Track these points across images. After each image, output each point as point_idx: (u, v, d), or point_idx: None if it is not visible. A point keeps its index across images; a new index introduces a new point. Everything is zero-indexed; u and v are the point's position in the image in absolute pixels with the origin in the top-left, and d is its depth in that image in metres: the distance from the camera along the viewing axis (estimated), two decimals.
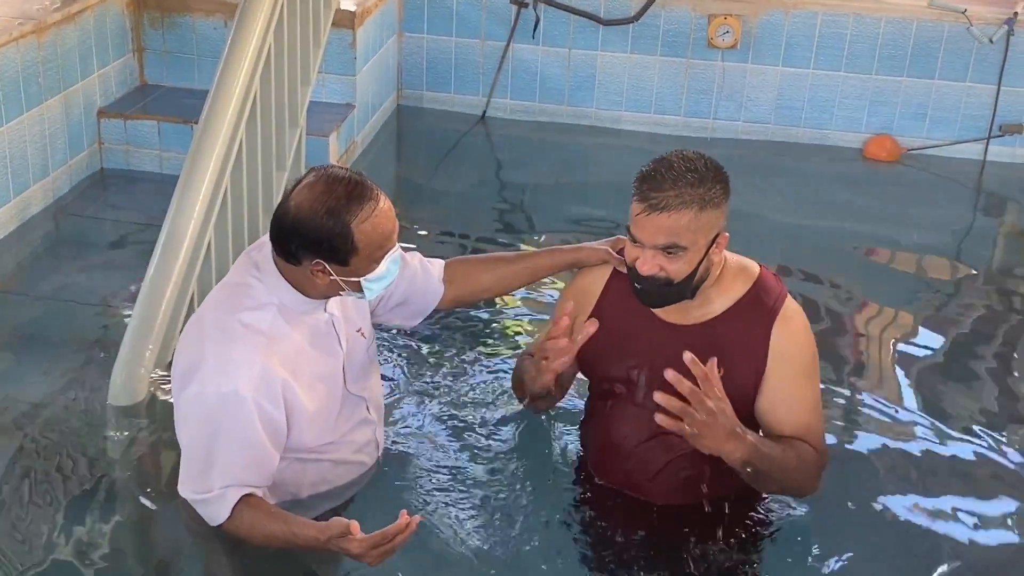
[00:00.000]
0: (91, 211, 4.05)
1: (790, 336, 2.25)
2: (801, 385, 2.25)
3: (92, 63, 4.20)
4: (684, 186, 2.10)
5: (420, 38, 5.20)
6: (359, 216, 2.03)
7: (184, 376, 2.10)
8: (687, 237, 2.11)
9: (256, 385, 2.05)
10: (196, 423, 2.09)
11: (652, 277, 2.16)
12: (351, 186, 2.05)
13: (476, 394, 2.93)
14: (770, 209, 4.45)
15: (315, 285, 2.12)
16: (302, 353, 2.15)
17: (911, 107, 5.03)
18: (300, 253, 2.07)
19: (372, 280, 2.12)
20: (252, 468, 2.11)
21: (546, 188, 4.73)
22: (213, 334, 2.10)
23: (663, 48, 5.08)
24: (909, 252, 4.28)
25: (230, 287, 2.20)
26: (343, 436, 2.29)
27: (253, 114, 3.23)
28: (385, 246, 2.10)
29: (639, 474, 2.35)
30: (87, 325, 3.31)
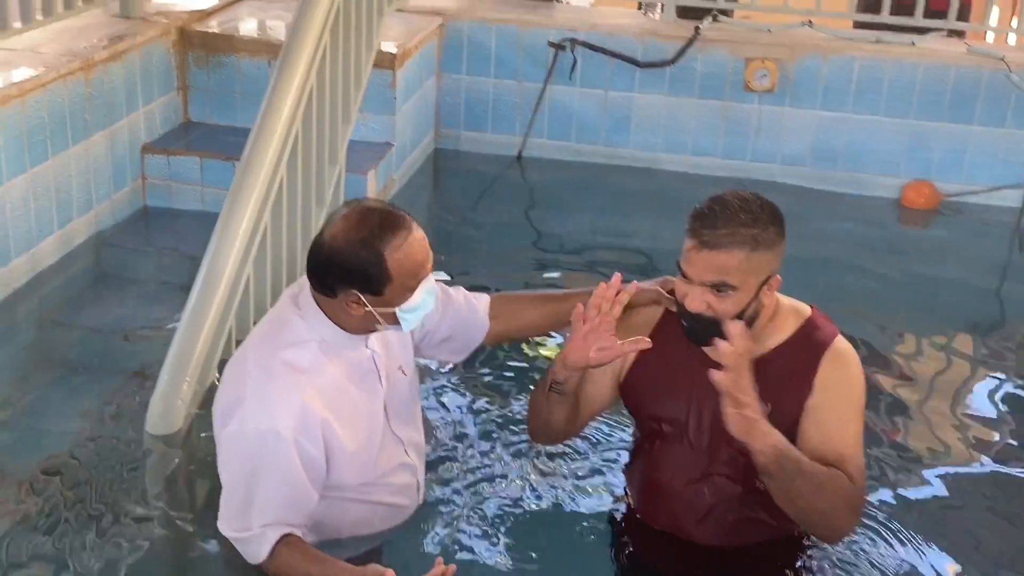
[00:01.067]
0: (133, 244, 4.10)
1: (838, 370, 2.23)
2: (843, 418, 2.22)
3: (137, 100, 4.28)
4: (737, 225, 2.10)
5: (458, 79, 5.25)
6: (392, 244, 2.05)
7: (225, 413, 2.12)
8: (737, 277, 2.11)
9: (295, 424, 2.06)
10: (236, 461, 2.11)
11: (699, 315, 2.15)
12: (384, 216, 2.08)
13: (519, 433, 2.92)
14: (806, 253, 4.43)
15: (352, 318, 2.12)
16: (343, 391, 2.16)
17: (949, 152, 5.01)
18: (335, 285, 2.08)
19: (407, 310, 2.12)
20: (291, 507, 2.11)
21: (582, 227, 4.74)
22: (254, 372, 2.12)
23: (700, 90, 5.10)
24: (948, 298, 4.25)
25: (272, 324, 2.22)
26: (382, 477, 2.29)
27: (294, 152, 3.28)
28: (419, 275, 2.11)
29: (687, 516, 2.33)
30: (126, 356, 3.34)
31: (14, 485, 2.68)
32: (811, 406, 2.22)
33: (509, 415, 3.04)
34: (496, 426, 2.97)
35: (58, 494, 2.64)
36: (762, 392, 2.21)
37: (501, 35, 5.15)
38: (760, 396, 2.21)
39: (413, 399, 2.41)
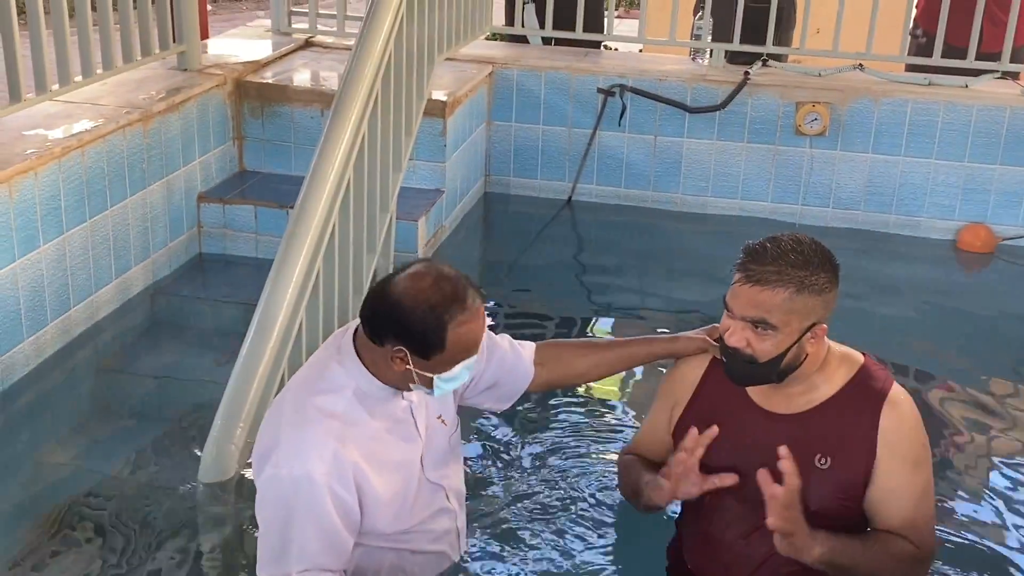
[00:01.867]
0: (188, 291, 4.16)
1: (900, 422, 2.19)
2: (909, 475, 2.19)
3: (194, 150, 4.36)
4: (786, 265, 2.08)
5: (508, 126, 5.30)
6: (458, 319, 2.06)
7: (261, 459, 2.13)
8: (778, 316, 2.09)
9: (328, 469, 2.06)
10: (271, 506, 2.11)
11: (738, 352, 2.14)
12: (458, 288, 2.08)
13: (563, 481, 2.91)
14: (859, 299, 4.38)
15: (391, 370, 2.13)
16: (377, 439, 2.16)
17: (1005, 195, 4.94)
18: (387, 336, 2.09)
19: (444, 379, 2.13)
20: (327, 552, 2.11)
21: (632, 273, 4.73)
22: (289, 417, 2.13)
23: (750, 135, 5.09)
24: (1007, 342, 4.17)
25: (311, 369, 2.23)
26: (420, 524, 2.28)
27: (346, 199, 3.31)
28: (471, 352, 2.12)
29: (738, 569, 2.29)
30: (182, 402, 3.39)
31: (69, 530, 2.71)
32: (877, 470, 2.18)
33: (553, 455, 3.03)
34: (539, 466, 2.96)
35: (113, 540, 2.66)
36: (820, 446, 2.18)
37: (550, 82, 5.20)
38: (819, 449, 2.18)
39: (453, 448, 2.39)
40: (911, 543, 2.20)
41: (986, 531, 2.85)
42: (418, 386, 2.14)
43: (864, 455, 2.18)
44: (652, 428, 2.42)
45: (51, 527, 2.74)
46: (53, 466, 3.06)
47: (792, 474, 2.07)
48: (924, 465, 2.23)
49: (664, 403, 2.40)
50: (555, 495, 2.85)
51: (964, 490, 3.07)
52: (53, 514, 2.80)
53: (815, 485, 2.19)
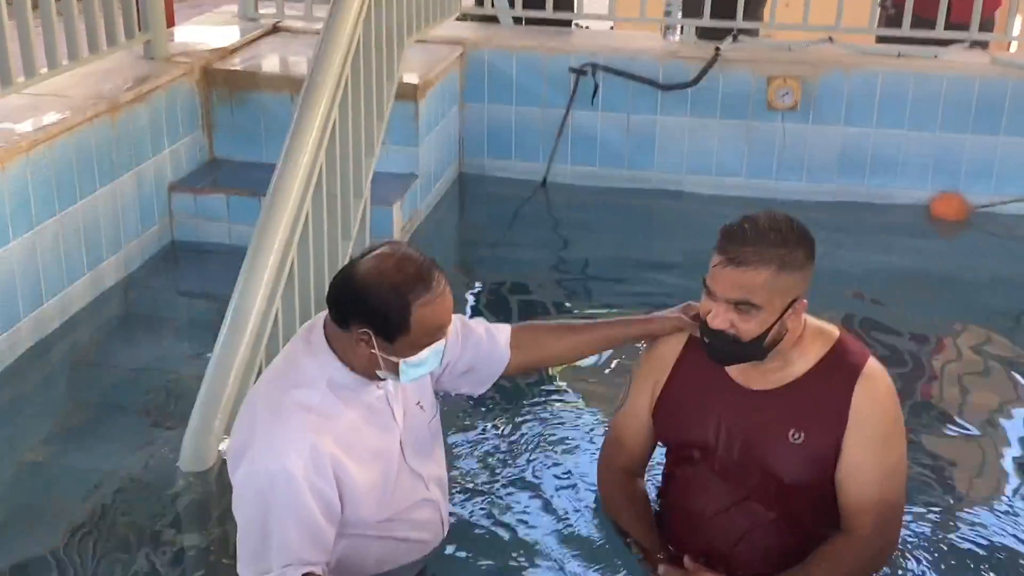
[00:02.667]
0: (162, 284, 4.14)
1: (873, 397, 2.20)
2: (877, 451, 2.20)
3: (163, 140, 4.32)
4: (765, 244, 2.08)
5: (481, 108, 5.27)
6: (422, 299, 2.04)
7: (236, 456, 2.12)
8: (761, 296, 2.09)
9: (305, 463, 2.05)
10: (249, 503, 2.09)
11: (721, 333, 2.14)
12: (423, 269, 2.07)
13: (544, 465, 2.91)
14: (837, 269, 4.39)
15: (359, 357, 2.11)
16: (354, 429, 2.15)
17: (977, 164, 4.97)
18: (352, 318, 2.07)
19: (411, 364, 2.11)
20: (309, 545, 2.09)
21: (609, 252, 4.72)
22: (262, 413, 2.11)
23: (722, 111, 5.09)
24: (982, 309, 4.19)
25: (282, 363, 2.22)
26: (402, 513, 2.27)
27: (319, 186, 3.29)
28: (435, 336, 2.10)
29: (720, 543, 2.31)
30: (159, 395, 3.37)
31: (49, 523, 2.69)
32: (846, 439, 2.19)
33: (533, 443, 3.03)
34: (521, 455, 2.96)
35: (93, 532, 2.65)
36: (795, 420, 2.20)
37: (522, 62, 5.17)
38: (793, 423, 2.20)
39: (434, 434, 2.39)
40: (866, 531, 2.21)
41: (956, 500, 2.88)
42: (385, 372, 2.12)
43: (836, 428, 2.19)
44: (633, 412, 2.42)
45: (30, 522, 2.73)
46: (31, 462, 3.03)
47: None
48: (895, 443, 2.23)
49: (643, 384, 2.40)
50: (536, 478, 2.85)
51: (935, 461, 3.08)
52: (33, 509, 2.78)
53: (789, 459, 2.21)
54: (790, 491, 2.24)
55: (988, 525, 2.73)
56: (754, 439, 2.24)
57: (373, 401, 2.20)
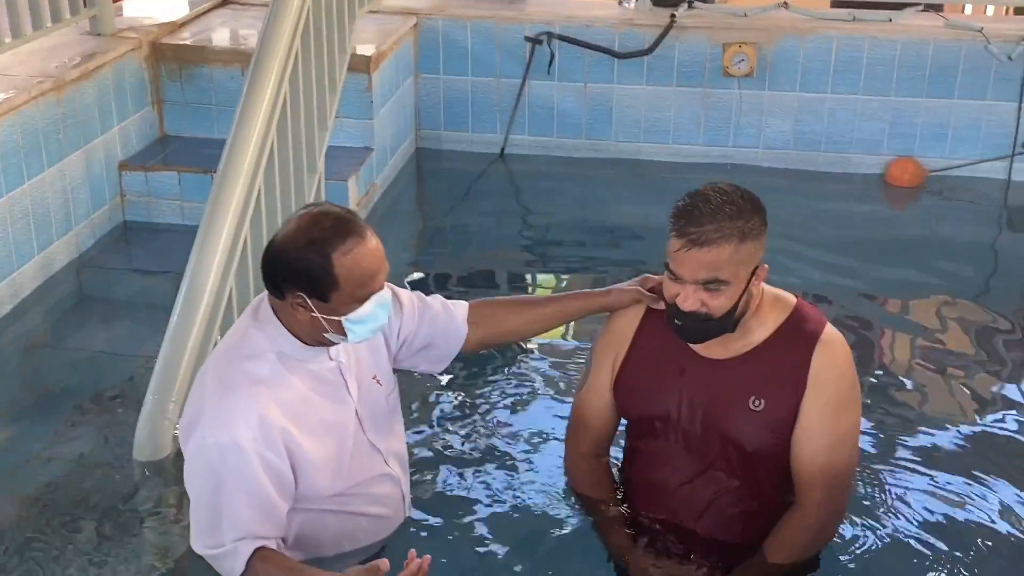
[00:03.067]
0: (114, 264, 4.07)
1: (831, 362, 2.20)
2: (831, 417, 2.20)
3: (112, 117, 4.24)
4: (723, 219, 2.07)
5: (436, 79, 5.22)
6: (341, 249, 2.01)
7: (187, 429, 2.10)
8: (728, 271, 2.09)
9: (255, 435, 2.03)
10: (200, 477, 2.08)
11: (693, 313, 2.13)
12: (338, 221, 2.04)
13: (508, 439, 2.90)
14: (794, 236, 4.41)
15: (300, 324, 2.09)
16: (305, 401, 2.13)
17: (932, 128, 4.99)
18: (283, 285, 2.05)
19: (354, 321, 2.07)
20: (260, 519, 2.08)
21: (568, 223, 4.71)
22: (212, 385, 2.09)
23: (679, 78, 5.08)
24: (937, 273, 4.23)
25: (231, 337, 2.20)
26: (359, 487, 2.26)
27: (271, 162, 3.24)
28: (369, 285, 2.06)
29: (685, 513, 2.32)
30: (113, 378, 3.31)
31: (4, 511, 2.65)
32: (803, 403, 2.19)
33: (496, 421, 3.01)
34: (483, 433, 2.94)
35: (47, 521, 2.61)
36: (755, 387, 2.20)
37: (477, 32, 5.12)
38: (753, 391, 2.21)
39: (392, 410, 2.36)
40: (815, 500, 2.22)
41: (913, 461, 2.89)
42: (333, 334, 2.09)
43: (794, 395, 2.20)
44: (595, 389, 2.39)
45: None
46: None
47: None
48: (849, 410, 2.24)
49: (603, 360, 2.38)
50: (499, 453, 2.84)
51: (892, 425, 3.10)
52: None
53: (750, 427, 2.21)
54: (753, 459, 2.25)
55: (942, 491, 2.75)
56: (715, 408, 2.24)
57: (325, 372, 2.18)
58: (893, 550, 2.48)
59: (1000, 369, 3.51)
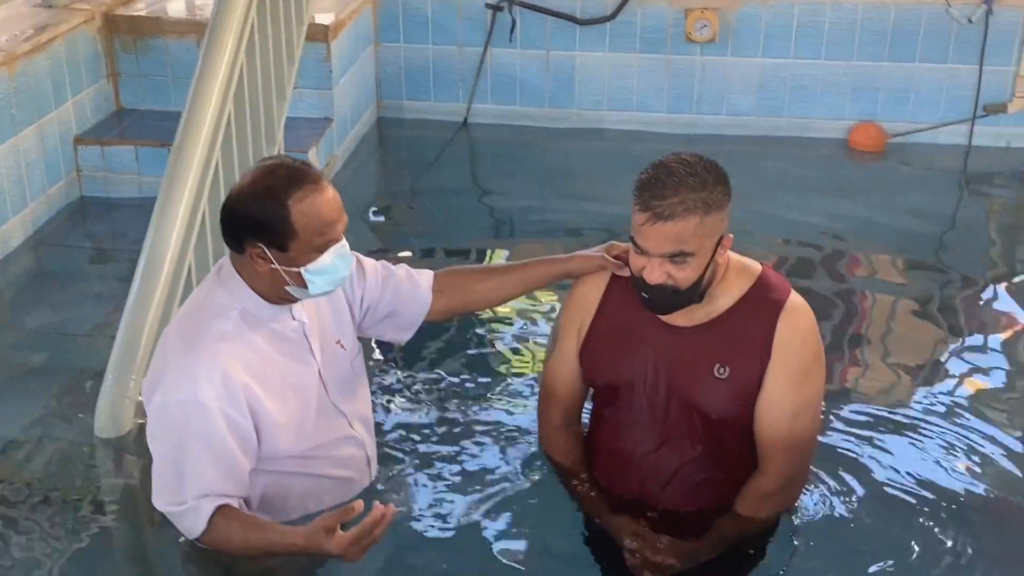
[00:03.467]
0: (72, 240, 4.01)
1: (795, 330, 2.20)
2: (795, 385, 2.21)
3: (66, 91, 4.16)
4: (686, 191, 2.05)
5: (397, 47, 5.16)
6: (296, 196, 2.01)
7: (150, 388, 2.10)
8: (694, 243, 2.08)
9: (218, 392, 2.04)
10: (163, 434, 2.08)
11: (660, 286, 2.12)
12: (293, 170, 2.05)
13: (477, 406, 2.90)
14: (757, 204, 4.42)
15: (261, 277, 2.08)
16: (268, 360, 2.13)
17: (894, 92, 5.00)
18: (242, 237, 2.05)
19: (314, 272, 2.07)
20: (223, 477, 2.08)
21: (532, 192, 4.69)
22: (174, 344, 2.10)
23: (641, 45, 5.05)
24: (899, 239, 4.25)
25: (194, 297, 2.20)
26: (323, 449, 2.25)
27: (228, 134, 3.19)
28: (326, 234, 2.05)
29: (651, 482, 2.32)
30: (73, 356, 3.27)
31: None
32: (767, 376, 2.20)
33: (467, 389, 3.01)
34: (453, 402, 2.94)
35: (8, 501, 2.57)
36: (720, 354, 2.21)
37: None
38: (718, 359, 2.21)
39: (357, 375, 2.36)
40: (777, 467, 2.24)
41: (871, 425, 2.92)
42: (294, 287, 2.09)
43: (759, 362, 2.20)
44: (563, 358, 2.39)
45: None
46: None
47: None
48: (813, 378, 2.25)
49: (569, 328, 2.37)
50: (467, 420, 2.84)
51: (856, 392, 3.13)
52: None
53: (715, 395, 2.22)
54: (717, 426, 2.25)
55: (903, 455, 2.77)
56: (680, 376, 2.24)
57: (288, 332, 2.18)
58: (855, 514, 2.50)
59: (959, 329, 3.54)
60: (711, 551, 2.24)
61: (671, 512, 2.32)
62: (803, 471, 2.35)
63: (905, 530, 2.47)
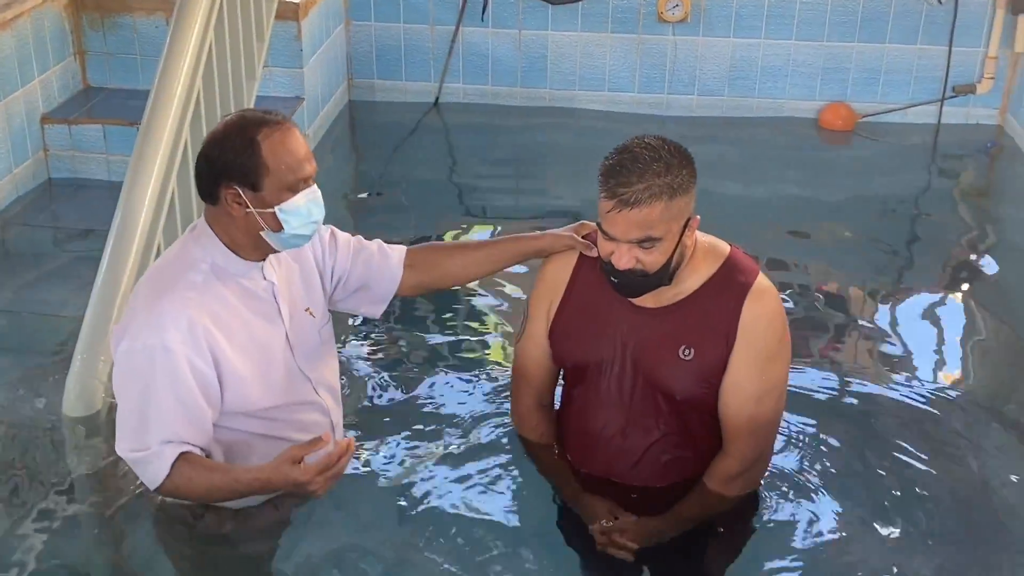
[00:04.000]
0: (39, 220, 3.97)
1: (761, 313, 2.20)
2: (760, 368, 2.21)
3: (32, 69, 4.10)
4: (652, 177, 2.05)
5: (368, 26, 5.13)
6: (265, 132, 2.06)
7: (118, 335, 2.12)
8: (661, 227, 2.07)
9: (183, 338, 2.06)
10: (128, 378, 2.09)
11: (630, 271, 2.12)
12: (261, 113, 2.12)
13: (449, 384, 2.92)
14: (728, 183, 4.44)
15: (236, 223, 2.10)
16: (236, 315, 2.15)
17: (864, 73, 5.03)
18: (216, 183, 2.08)
19: (288, 212, 2.09)
20: (186, 423, 2.09)
21: (504, 172, 4.68)
22: (144, 293, 2.12)
23: (613, 25, 5.04)
24: (869, 218, 4.28)
25: (169, 251, 2.23)
26: (286, 410, 2.26)
27: (197, 114, 3.17)
28: (298, 172, 2.08)
29: (620, 462, 2.33)
30: (42, 336, 3.25)
31: None
32: (733, 353, 2.20)
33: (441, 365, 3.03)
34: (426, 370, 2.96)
35: None
36: (685, 336, 2.21)
37: None
38: (683, 340, 2.22)
39: (325, 343, 2.37)
40: (740, 450, 2.26)
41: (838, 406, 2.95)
42: (269, 233, 2.11)
43: (724, 344, 2.21)
44: (533, 337, 2.38)
45: None
46: None
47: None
48: (778, 362, 2.25)
49: (539, 308, 2.37)
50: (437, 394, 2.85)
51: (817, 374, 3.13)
52: None
53: (679, 376, 2.22)
54: (682, 407, 2.26)
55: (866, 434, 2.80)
56: (646, 356, 2.24)
57: (259, 291, 2.20)
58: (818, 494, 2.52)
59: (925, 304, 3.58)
60: (674, 529, 2.26)
61: (641, 489, 2.33)
62: (767, 453, 2.36)
63: (868, 510, 2.49)
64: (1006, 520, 2.54)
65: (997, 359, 3.34)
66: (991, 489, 2.63)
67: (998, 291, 3.75)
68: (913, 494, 2.56)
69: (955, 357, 3.29)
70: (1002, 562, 2.41)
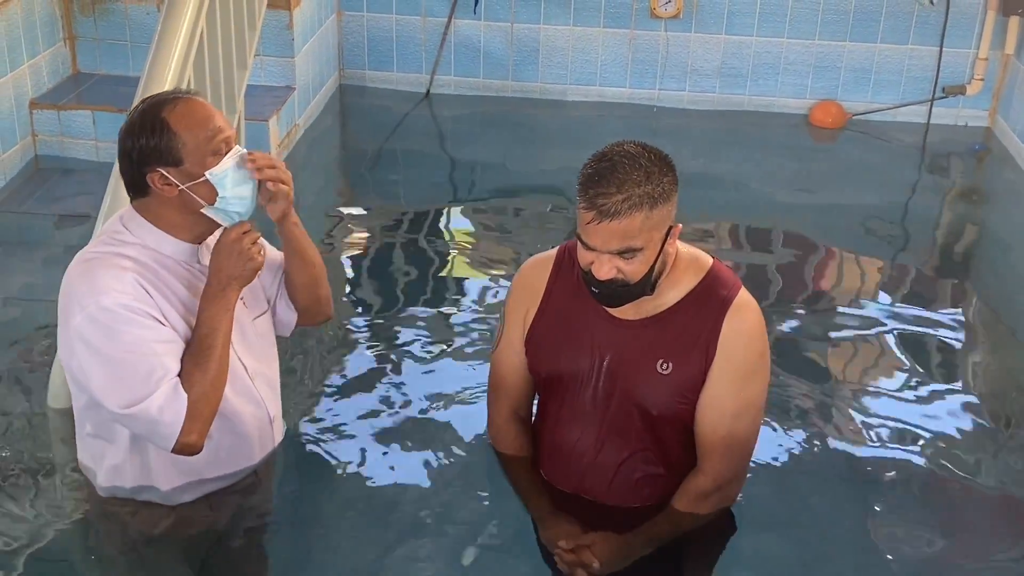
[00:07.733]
0: (28, 206, 3.94)
1: (741, 329, 2.15)
2: (737, 385, 2.16)
3: (21, 53, 4.08)
4: (631, 186, 1.99)
5: (360, 16, 5.12)
6: (168, 108, 2.07)
7: (65, 315, 2.08)
8: (642, 237, 2.02)
9: (135, 292, 2.05)
10: (96, 344, 2.04)
11: (611, 281, 2.07)
12: (162, 94, 2.13)
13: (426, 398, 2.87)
14: (717, 179, 4.44)
15: (170, 204, 2.09)
16: (170, 287, 2.13)
17: (855, 72, 5.04)
18: (139, 172, 2.07)
19: (219, 175, 2.07)
20: (173, 355, 2.07)
21: (493, 165, 4.68)
22: (78, 269, 2.10)
23: (606, 20, 5.04)
24: (857, 218, 4.29)
25: (90, 243, 2.20)
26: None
27: None
28: (215, 135, 2.07)
29: (592, 480, 2.28)
30: (26, 324, 3.22)
31: None
32: (712, 374, 2.16)
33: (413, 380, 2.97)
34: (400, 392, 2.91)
35: None
36: (664, 350, 2.16)
37: None
38: (662, 354, 2.17)
39: (262, 335, 2.34)
40: (714, 467, 2.21)
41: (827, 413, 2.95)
42: (209, 208, 2.09)
43: (703, 360, 2.16)
44: (510, 345, 2.32)
45: None
46: None
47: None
48: (756, 379, 2.20)
49: (515, 316, 2.31)
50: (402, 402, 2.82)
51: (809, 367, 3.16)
52: None
53: (655, 390, 2.18)
54: (658, 422, 2.21)
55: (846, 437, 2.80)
56: (623, 369, 2.19)
57: (194, 271, 2.18)
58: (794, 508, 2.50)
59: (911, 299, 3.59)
60: (645, 547, 2.20)
61: (613, 508, 2.29)
62: (742, 471, 2.31)
63: (850, 523, 2.46)
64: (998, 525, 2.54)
65: (985, 358, 3.36)
66: (987, 498, 2.63)
67: (985, 291, 3.77)
68: (897, 505, 2.55)
69: (940, 358, 3.29)
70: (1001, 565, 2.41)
